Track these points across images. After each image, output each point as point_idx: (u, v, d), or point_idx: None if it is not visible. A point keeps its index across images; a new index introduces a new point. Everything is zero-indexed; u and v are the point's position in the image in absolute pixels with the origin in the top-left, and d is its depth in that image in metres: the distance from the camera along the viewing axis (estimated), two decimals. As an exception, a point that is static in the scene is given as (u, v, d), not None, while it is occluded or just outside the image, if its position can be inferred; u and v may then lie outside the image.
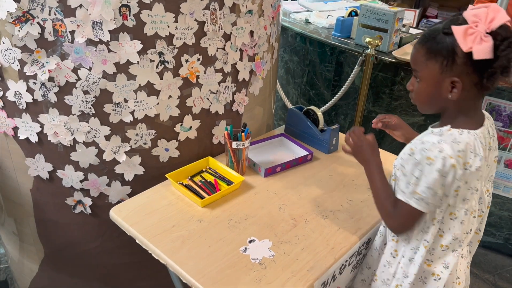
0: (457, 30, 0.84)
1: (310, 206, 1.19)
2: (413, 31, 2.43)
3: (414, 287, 1.00)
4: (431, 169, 0.88)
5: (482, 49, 0.82)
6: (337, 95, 2.13)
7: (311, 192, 1.25)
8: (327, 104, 2.21)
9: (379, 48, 2.00)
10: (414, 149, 0.92)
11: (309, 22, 2.45)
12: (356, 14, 2.21)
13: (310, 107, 1.51)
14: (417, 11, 4.10)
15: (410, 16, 4.08)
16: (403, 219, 0.97)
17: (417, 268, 0.98)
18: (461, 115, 0.93)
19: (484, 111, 1.00)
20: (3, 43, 1.07)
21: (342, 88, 2.09)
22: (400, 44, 2.07)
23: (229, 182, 1.25)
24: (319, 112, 1.48)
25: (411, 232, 0.99)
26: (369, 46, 1.94)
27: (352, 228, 1.11)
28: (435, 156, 0.87)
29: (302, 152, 1.44)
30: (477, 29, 0.83)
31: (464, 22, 0.85)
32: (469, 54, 0.83)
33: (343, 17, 2.22)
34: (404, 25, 2.27)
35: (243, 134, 1.27)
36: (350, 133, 1.11)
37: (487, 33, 0.82)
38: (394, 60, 1.94)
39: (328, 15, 2.47)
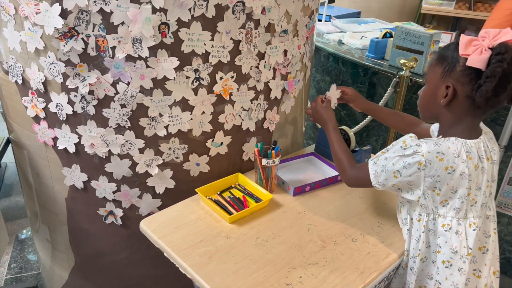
0: (463, 38, 0.92)
1: (340, 228, 1.16)
2: (450, 53, 2.38)
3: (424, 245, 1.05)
4: (399, 150, 0.98)
5: (477, 59, 0.89)
6: (369, 116, 2.10)
7: (341, 214, 1.23)
8: (359, 125, 2.18)
9: (414, 70, 1.97)
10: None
11: (343, 43, 2.45)
12: (391, 36, 2.20)
13: (342, 127, 1.49)
14: (454, 33, 4.03)
15: (446, 38, 4.01)
16: (358, 174, 1.09)
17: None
18: (455, 127, 0.98)
19: (483, 125, 1.04)
20: (49, 57, 1.13)
21: (375, 109, 2.06)
22: (436, 67, 2.04)
23: (257, 199, 1.25)
24: (351, 132, 1.46)
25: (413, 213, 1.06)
26: (404, 68, 1.91)
27: (383, 252, 1.08)
28: (411, 145, 0.96)
29: (333, 173, 1.42)
30: (482, 43, 0.90)
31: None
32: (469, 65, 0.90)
33: (377, 38, 2.21)
34: (440, 48, 2.23)
35: (273, 151, 1.27)
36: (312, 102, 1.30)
37: (489, 48, 0.89)
38: (429, 83, 1.90)
39: (362, 36, 2.46)
